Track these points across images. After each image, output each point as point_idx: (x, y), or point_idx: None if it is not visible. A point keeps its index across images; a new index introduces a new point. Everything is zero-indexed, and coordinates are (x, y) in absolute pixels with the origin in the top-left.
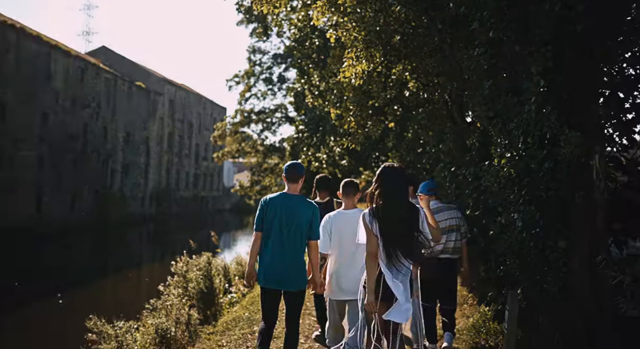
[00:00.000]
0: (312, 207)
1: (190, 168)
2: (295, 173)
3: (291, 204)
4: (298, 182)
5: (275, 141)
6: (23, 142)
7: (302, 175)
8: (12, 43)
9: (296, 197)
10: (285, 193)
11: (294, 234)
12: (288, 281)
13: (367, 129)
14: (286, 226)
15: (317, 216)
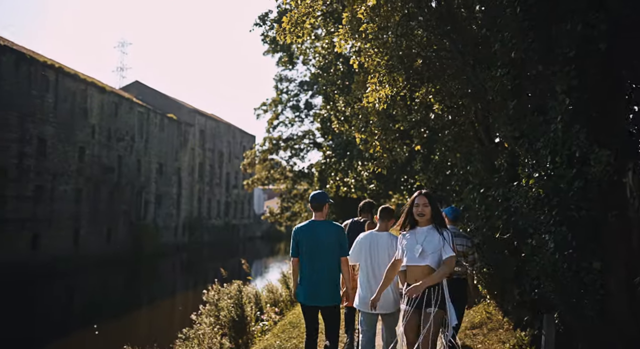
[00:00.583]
0: (337, 229)
1: (221, 197)
2: (318, 202)
3: (318, 230)
4: (322, 210)
5: (303, 167)
6: (62, 177)
7: (325, 203)
8: (52, 82)
9: (322, 223)
10: (312, 221)
11: (324, 256)
12: (322, 298)
13: (393, 153)
14: (316, 249)
15: (344, 236)
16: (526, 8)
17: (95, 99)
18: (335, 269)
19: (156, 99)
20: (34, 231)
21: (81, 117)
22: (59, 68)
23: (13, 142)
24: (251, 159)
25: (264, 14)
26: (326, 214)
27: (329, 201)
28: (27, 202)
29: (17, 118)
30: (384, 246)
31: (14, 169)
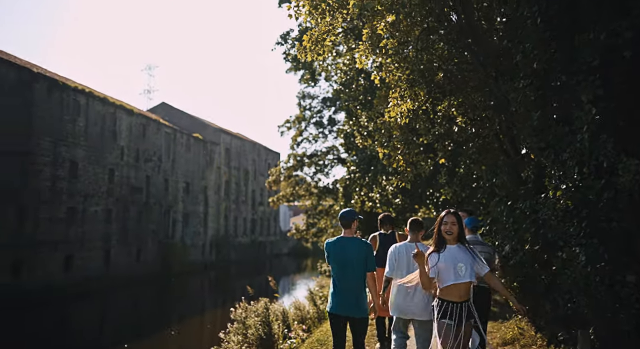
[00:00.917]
0: (365, 245)
1: (247, 214)
2: (347, 220)
3: (346, 246)
4: (351, 227)
5: (328, 183)
6: (92, 198)
7: (353, 220)
8: (83, 106)
9: (350, 239)
10: (341, 237)
11: (352, 270)
12: (351, 309)
13: (416, 167)
14: (345, 264)
15: (371, 252)
16: (547, 19)
17: (124, 122)
18: (362, 283)
19: (182, 119)
20: (66, 252)
21: (110, 139)
22: (89, 92)
23: (46, 166)
24: (276, 176)
25: (285, 32)
26: (355, 231)
27: (357, 218)
28: (60, 224)
29: (50, 142)
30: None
31: (47, 192)
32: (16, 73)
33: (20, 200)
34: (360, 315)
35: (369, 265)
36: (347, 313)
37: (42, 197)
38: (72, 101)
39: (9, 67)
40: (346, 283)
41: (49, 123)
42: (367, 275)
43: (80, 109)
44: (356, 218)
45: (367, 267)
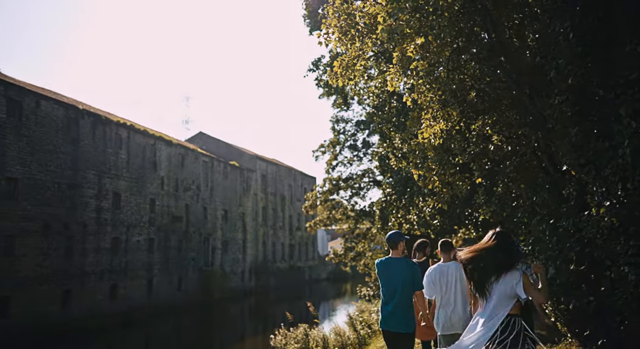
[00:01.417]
0: (411, 265)
1: (285, 240)
2: (393, 241)
3: (394, 266)
4: (397, 248)
5: (364, 206)
6: (135, 228)
7: (400, 241)
8: (124, 139)
9: (398, 259)
10: (389, 257)
11: (400, 288)
12: (398, 325)
13: (452, 187)
14: (392, 283)
15: (417, 272)
16: (579, 34)
17: (164, 152)
18: (409, 301)
19: (219, 148)
20: (111, 282)
21: (151, 170)
22: (130, 126)
23: (91, 198)
24: (312, 201)
25: (316, 59)
26: (402, 251)
27: (403, 239)
28: (105, 254)
29: (95, 175)
30: (453, 275)
31: (93, 223)
32: (64, 110)
33: (69, 232)
34: (406, 331)
35: (416, 284)
36: (395, 329)
37: (88, 228)
38: (115, 134)
39: (58, 105)
40: (393, 300)
41: (93, 156)
42: (415, 294)
43: (122, 142)
44: (402, 239)
45: (415, 286)
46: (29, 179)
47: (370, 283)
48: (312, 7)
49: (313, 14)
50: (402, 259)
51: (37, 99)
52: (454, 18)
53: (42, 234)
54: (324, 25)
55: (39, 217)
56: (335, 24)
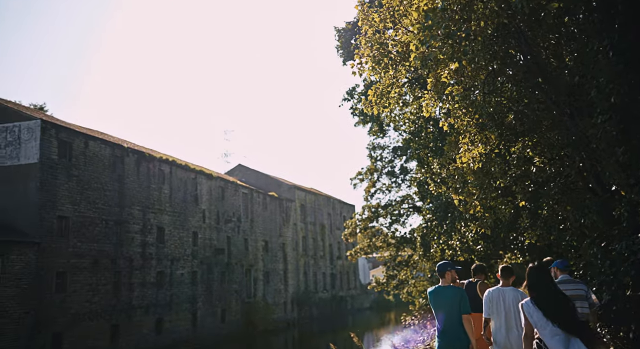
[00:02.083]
0: (459, 291)
1: (326, 269)
2: (440, 271)
3: (442, 293)
4: (445, 277)
5: (405, 233)
6: (179, 262)
7: (447, 271)
8: (167, 174)
9: (445, 287)
10: (438, 286)
11: (450, 313)
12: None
13: (495, 211)
14: (443, 309)
15: (465, 297)
16: (620, 52)
17: (204, 186)
18: (460, 325)
19: (258, 179)
20: (157, 315)
21: (193, 203)
22: (172, 161)
23: (137, 233)
24: (352, 229)
25: (351, 88)
26: (450, 280)
27: (450, 269)
28: (150, 288)
29: (140, 211)
30: (511, 299)
31: (138, 258)
32: (111, 149)
33: (116, 267)
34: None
35: (464, 308)
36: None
37: (134, 263)
38: (158, 170)
39: (104, 145)
40: (445, 325)
41: (138, 192)
42: (463, 317)
43: (165, 177)
44: (449, 269)
45: (463, 310)
46: (79, 217)
47: (414, 312)
48: (345, 38)
49: (346, 44)
50: (450, 287)
51: (85, 140)
52: (487, 42)
53: (91, 270)
54: (357, 56)
55: (89, 254)
56: (368, 54)
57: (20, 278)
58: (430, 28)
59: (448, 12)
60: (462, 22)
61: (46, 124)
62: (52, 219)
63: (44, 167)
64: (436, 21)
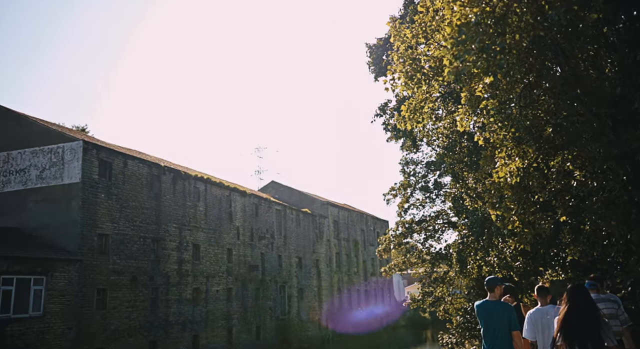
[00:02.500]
0: (507, 307)
1: (360, 285)
2: (490, 285)
3: (490, 308)
4: (494, 292)
5: (440, 249)
6: (214, 278)
7: (495, 286)
8: (202, 192)
9: (494, 302)
10: (486, 300)
11: (498, 329)
12: None
13: (534, 227)
14: (491, 324)
15: (513, 313)
16: None
17: (238, 203)
18: (507, 340)
19: (291, 195)
20: (193, 332)
21: (227, 220)
22: (207, 179)
23: (173, 250)
24: (386, 245)
25: (382, 104)
26: (499, 295)
27: (499, 284)
28: (186, 305)
29: (176, 228)
30: (552, 318)
31: (175, 275)
32: (148, 168)
33: (154, 283)
34: None
35: (513, 325)
36: None
37: (170, 280)
38: (193, 188)
39: (142, 164)
40: (492, 340)
41: (174, 210)
42: (512, 334)
43: (200, 194)
44: (499, 284)
45: (512, 326)
46: (118, 235)
47: (452, 330)
48: (376, 54)
49: (377, 60)
50: (499, 302)
51: (124, 159)
52: (522, 55)
53: (130, 287)
54: (389, 72)
55: (127, 271)
56: (400, 70)
57: (64, 295)
58: (464, 42)
59: (482, 26)
60: (497, 36)
61: (87, 144)
62: (93, 237)
63: (86, 186)
64: (470, 35)
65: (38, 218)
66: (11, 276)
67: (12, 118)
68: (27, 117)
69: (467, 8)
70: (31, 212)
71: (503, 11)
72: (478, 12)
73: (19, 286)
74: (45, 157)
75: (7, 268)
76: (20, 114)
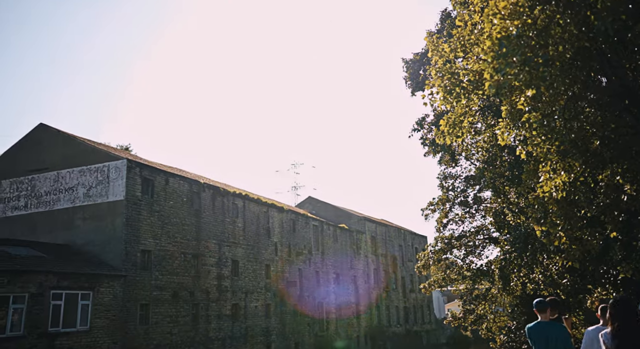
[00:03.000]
0: (561, 328)
1: (398, 302)
2: (541, 307)
3: (544, 329)
4: (546, 313)
5: (481, 265)
6: (252, 294)
7: (547, 307)
8: (240, 208)
9: (547, 323)
10: (539, 321)
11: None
12: None
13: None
14: (543, 344)
15: (567, 334)
16: None
17: (276, 219)
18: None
19: (328, 211)
20: (233, 348)
21: (265, 236)
22: (245, 195)
23: (213, 266)
24: (425, 261)
25: (420, 118)
26: (549, 316)
27: (550, 306)
28: (226, 321)
29: (215, 244)
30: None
31: (215, 290)
32: (188, 185)
33: (194, 299)
34: None
35: (567, 345)
36: None
37: (210, 295)
38: (232, 204)
39: (183, 181)
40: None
41: (213, 226)
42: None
43: (238, 211)
44: (550, 306)
45: (566, 346)
46: (160, 251)
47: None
48: (413, 69)
49: (414, 75)
50: (553, 323)
51: (166, 177)
52: (566, 66)
53: (171, 303)
54: (427, 86)
55: (169, 286)
56: (439, 84)
57: (109, 309)
58: (505, 55)
59: (523, 39)
60: (539, 48)
61: (131, 163)
62: (136, 253)
63: (129, 203)
64: (511, 48)
65: (85, 235)
66: (60, 291)
67: (62, 139)
68: (75, 138)
69: (508, 21)
70: (79, 229)
71: (545, 23)
72: (519, 24)
73: (68, 300)
74: (92, 176)
75: (57, 282)
76: (69, 135)
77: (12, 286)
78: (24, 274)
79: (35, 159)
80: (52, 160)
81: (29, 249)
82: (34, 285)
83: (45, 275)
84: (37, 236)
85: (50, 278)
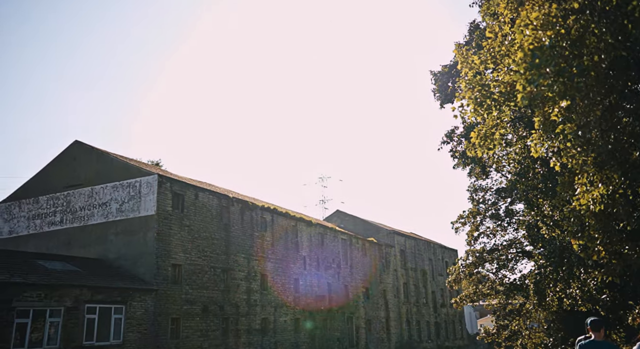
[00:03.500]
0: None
1: (429, 317)
2: (595, 326)
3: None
4: (600, 332)
5: (515, 279)
6: (281, 308)
7: (602, 326)
8: (268, 222)
9: (600, 342)
10: (593, 340)
11: None
12: None
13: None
14: None
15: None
16: None
17: (304, 233)
18: None
19: (356, 224)
20: None
21: (293, 250)
22: (274, 209)
23: (242, 280)
24: (456, 275)
25: (450, 131)
26: (603, 335)
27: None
28: (256, 335)
29: (244, 258)
30: None
31: (244, 305)
32: (218, 200)
33: (224, 313)
34: None
35: None
36: None
37: (240, 309)
38: (260, 218)
39: (212, 196)
40: None
41: (242, 240)
42: None
43: (267, 225)
44: (604, 325)
45: None
46: (190, 265)
47: None
48: (441, 81)
49: (442, 87)
50: (607, 343)
51: (195, 192)
52: (602, 76)
53: (201, 316)
54: (457, 99)
55: (199, 300)
56: (469, 96)
57: (141, 323)
58: (538, 66)
59: (557, 49)
60: (573, 58)
61: (162, 178)
62: (167, 267)
63: (160, 218)
64: (544, 59)
65: (117, 249)
66: (95, 305)
67: (95, 155)
68: (108, 154)
69: (540, 31)
70: (111, 243)
71: (579, 33)
72: (552, 35)
73: (102, 314)
74: (124, 191)
75: (91, 296)
76: (102, 151)
77: (48, 300)
78: (60, 288)
79: (71, 175)
80: (86, 176)
81: (65, 264)
82: (70, 299)
83: (80, 289)
84: (72, 251)
85: (84, 292)
